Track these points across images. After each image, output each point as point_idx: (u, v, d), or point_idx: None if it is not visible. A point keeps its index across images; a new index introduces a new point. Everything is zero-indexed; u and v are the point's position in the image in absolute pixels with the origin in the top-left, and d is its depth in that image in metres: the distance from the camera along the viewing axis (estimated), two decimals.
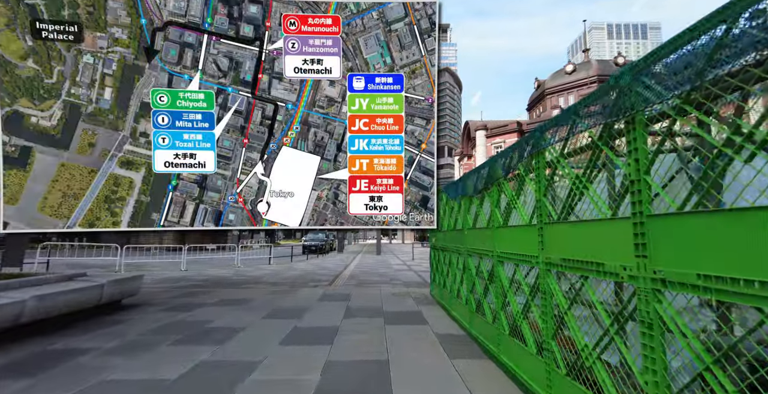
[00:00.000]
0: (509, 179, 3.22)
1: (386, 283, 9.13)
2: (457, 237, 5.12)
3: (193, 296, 6.98)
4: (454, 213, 5.38)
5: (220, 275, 11.26)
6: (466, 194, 4.60)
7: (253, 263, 15.19)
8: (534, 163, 2.67)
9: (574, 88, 40.52)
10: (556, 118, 2.31)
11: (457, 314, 4.97)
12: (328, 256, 21.83)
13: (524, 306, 2.81)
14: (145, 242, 22.72)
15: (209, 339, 4.06)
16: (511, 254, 3.00)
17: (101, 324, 4.77)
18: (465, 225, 4.61)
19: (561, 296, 2.32)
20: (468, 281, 4.43)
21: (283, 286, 8.51)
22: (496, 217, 3.40)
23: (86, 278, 5.55)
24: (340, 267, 14.07)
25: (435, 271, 6.93)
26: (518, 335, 2.90)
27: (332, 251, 27.19)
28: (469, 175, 4.37)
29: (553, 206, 2.52)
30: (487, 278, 3.62)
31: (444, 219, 6.31)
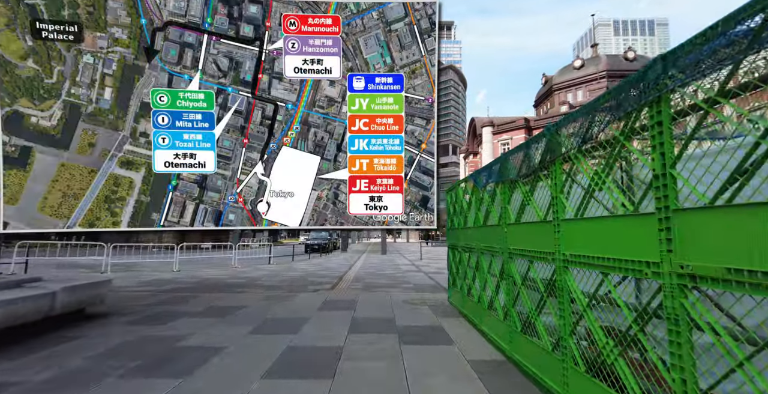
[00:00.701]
0: (586, 152, 2.31)
1: (395, 287, 8.31)
2: (489, 234, 4.16)
3: (176, 302, 6.18)
4: (485, 205, 4.40)
5: (214, 276, 10.58)
6: (504, 180, 3.64)
7: (251, 262, 14.74)
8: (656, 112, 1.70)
9: (583, 84, 39.95)
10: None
11: (489, 331, 4.11)
12: (332, 255, 21.14)
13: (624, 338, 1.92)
14: (145, 240, 22.27)
15: (174, 367, 3.18)
16: (596, 258, 2.12)
17: (45, 343, 3.86)
18: (504, 219, 3.65)
19: None
20: (508, 292, 3.53)
21: (281, 290, 7.70)
22: (561, 206, 2.54)
23: (37, 285, 4.71)
24: (344, 268, 13.42)
25: (455, 275, 6.07)
26: (602, 374, 2.08)
27: (336, 249, 26.59)
28: (514, 154, 3.42)
29: None
30: (544, 290, 2.80)
31: (467, 214, 5.29)
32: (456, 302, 5.91)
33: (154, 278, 9.88)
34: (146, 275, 10.82)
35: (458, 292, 5.74)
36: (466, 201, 5.47)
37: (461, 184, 5.69)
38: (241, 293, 7.26)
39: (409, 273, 11.54)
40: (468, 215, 5.29)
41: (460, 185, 5.73)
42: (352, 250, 28.01)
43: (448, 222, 6.45)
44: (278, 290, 7.70)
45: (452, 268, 6.27)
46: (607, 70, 38.59)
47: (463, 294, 5.41)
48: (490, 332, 4.08)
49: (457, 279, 5.93)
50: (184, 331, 4.36)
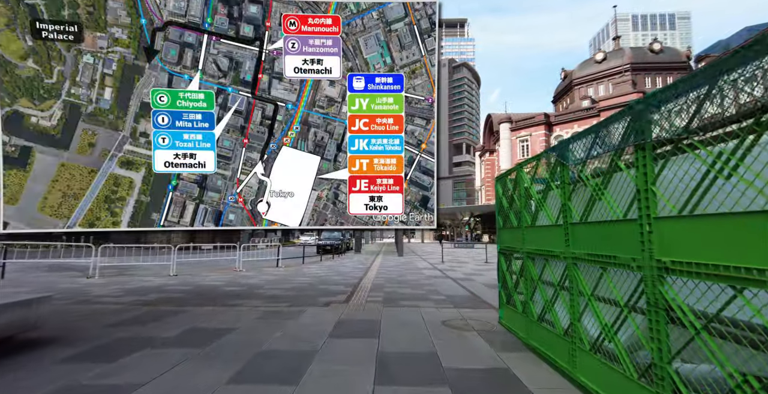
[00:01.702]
0: None
1: (424, 298, 7.12)
2: (599, 236, 2.75)
3: (148, 321, 5.10)
4: (578, 194, 3.16)
5: (211, 282, 9.60)
6: (618, 150, 2.51)
7: (258, 265, 13.77)
8: None
9: (605, 78, 39.07)
10: None
11: (593, 383, 2.73)
12: (345, 257, 20.21)
13: None
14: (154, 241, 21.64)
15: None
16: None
17: None
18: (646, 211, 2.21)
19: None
20: (661, 336, 2.07)
21: (285, 302, 6.68)
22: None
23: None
24: (358, 272, 12.22)
25: (510, 290, 4.89)
26: None
27: (349, 250, 25.68)
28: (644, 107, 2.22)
29: None
30: None
31: (543, 206, 3.86)
32: (514, 326, 4.64)
33: (141, 285, 9.01)
34: (136, 280, 9.99)
35: (517, 313, 4.56)
36: (534, 190, 4.13)
37: (526, 166, 4.38)
38: (236, 307, 6.33)
39: (436, 280, 10.14)
40: (543, 209, 3.85)
41: (524, 168, 4.42)
42: (366, 251, 26.74)
43: (498, 220, 5.57)
44: (281, 303, 6.74)
45: (506, 281, 5.04)
46: (632, 62, 37.58)
47: (526, 317, 4.23)
48: (590, 384, 2.75)
49: (514, 296, 4.75)
50: (135, 376, 3.14)
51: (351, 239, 26.98)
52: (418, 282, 9.63)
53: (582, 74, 40.52)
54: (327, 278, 10.49)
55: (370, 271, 12.76)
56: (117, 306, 6.39)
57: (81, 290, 8.69)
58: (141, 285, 9.09)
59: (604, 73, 39.02)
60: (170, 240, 23.85)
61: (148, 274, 11.45)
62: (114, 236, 15.15)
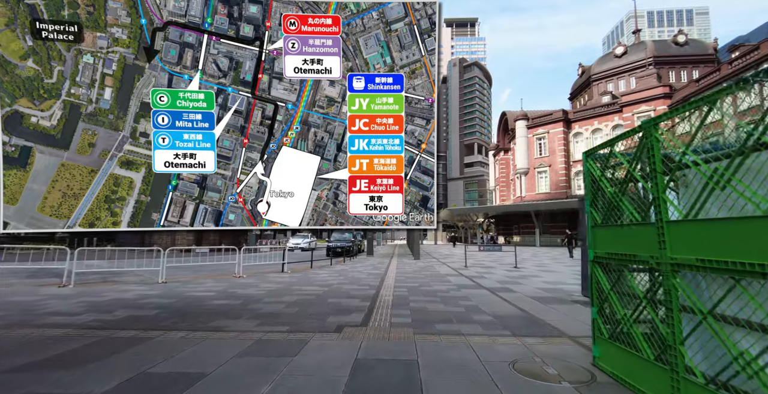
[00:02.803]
0: None
1: (467, 321, 5.69)
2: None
3: (79, 362, 3.51)
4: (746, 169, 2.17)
5: (202, 293, 8.29)
6: None
7: (261, 269, 12.56)
8: None
9: (625, 73, 37.43)
10: None
11: None
12: (357, 260, 18.62)
13: None
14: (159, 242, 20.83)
15: None
16: None
17: None
18: None
19: None
20: None
21: (283, 323, 5.42)
22: None
23: None
24: (374, 279, 10.68)
25: (624, 320, 3.20)
26: None
27: (360, 253, 23.98)
28: None
29: None
30: None
31: (685, 198, 2.79)
32: (626, 375, 3.08)
33: (115, 297, 7.62)
34: (115, 289, 8.66)
35: (628, 352, 3.05)
36: (660, 171, 2.77)
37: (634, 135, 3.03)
38: (218, 333, 5.00)
39: (469, 291, 8.51)
40: (700, 195, 2.46)
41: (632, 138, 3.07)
42: (379, 253, 24.80)
43: (589, 215, 4.06)
44: (279, 324, 5.49)
45: (614, 306, 3.36)
46: (654, 56, 36.06)
47: (666, 372, 2.59)
48: None
49: (622, 325, 3.21)
50: None
51: (362, 240, 25.12)
52: (449, 294, 8.09)
53: (601, 69, 39.09)
54: (339, 288, 9.10)
55: (387, 278, 11.14)
56: (60, 331, 4.87)
57: (35, 304, 7.30)
58: (114, 297, 7.67)
59: (624, 67, 37.39)
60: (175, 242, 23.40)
61: (133, 281, 10.15)
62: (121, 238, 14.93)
